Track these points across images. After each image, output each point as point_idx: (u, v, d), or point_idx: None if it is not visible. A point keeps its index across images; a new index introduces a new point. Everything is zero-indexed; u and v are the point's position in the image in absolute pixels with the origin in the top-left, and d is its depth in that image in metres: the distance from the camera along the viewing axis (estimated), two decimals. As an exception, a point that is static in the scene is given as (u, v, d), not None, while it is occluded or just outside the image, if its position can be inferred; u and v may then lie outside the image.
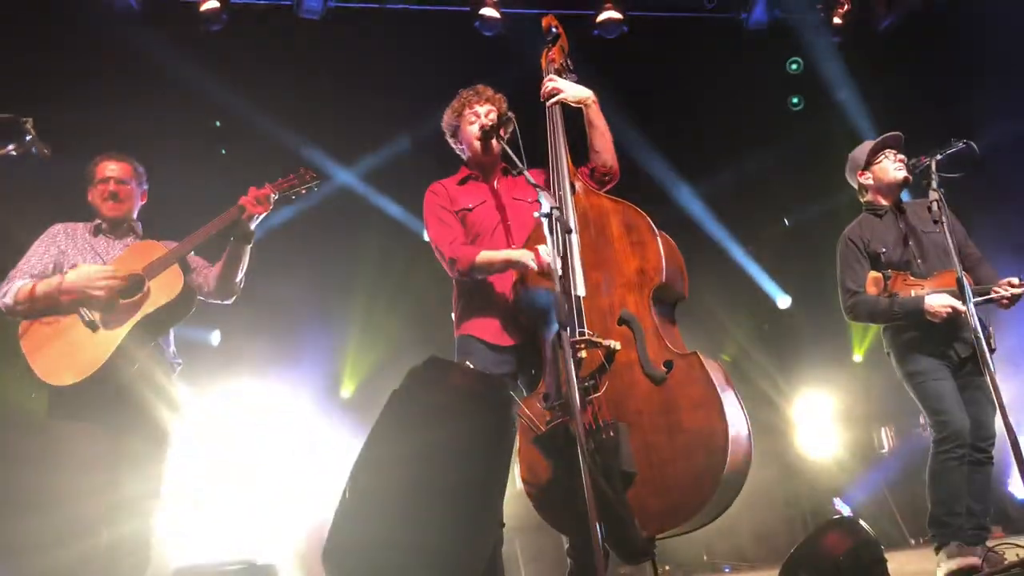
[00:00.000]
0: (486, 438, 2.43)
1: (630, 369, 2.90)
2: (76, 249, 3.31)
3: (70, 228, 3.39)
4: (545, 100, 3.37)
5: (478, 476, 2.40)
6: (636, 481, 2.77)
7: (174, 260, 3.27)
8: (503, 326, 3.22)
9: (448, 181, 3.48)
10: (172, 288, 3.24)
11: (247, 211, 3.32)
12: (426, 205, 3.42)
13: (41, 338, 3.08)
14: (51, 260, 3.25)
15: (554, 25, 3.55)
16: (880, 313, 3.81)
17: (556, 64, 3.48)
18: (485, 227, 3.33)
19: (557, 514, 2.93)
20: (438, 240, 3.31)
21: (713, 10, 7.05)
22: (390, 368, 6.51)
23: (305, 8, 6.16)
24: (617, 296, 3.03)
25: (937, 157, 3.64)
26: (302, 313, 6.57)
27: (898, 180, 3.94)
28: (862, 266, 3.90)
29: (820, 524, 3.20)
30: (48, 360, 3.04)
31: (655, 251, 3.03)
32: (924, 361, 3.76)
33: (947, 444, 3.64)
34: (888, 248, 3.84)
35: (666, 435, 2.78)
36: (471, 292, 3.31)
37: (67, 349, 3.06)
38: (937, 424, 3.70)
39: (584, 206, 3.21)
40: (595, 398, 2.89)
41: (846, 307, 3.95)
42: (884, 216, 3.99)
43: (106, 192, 3.40)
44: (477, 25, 6.44)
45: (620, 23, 6.68)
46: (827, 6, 7.15)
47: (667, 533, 2.79)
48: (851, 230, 4.02)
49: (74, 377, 3.02)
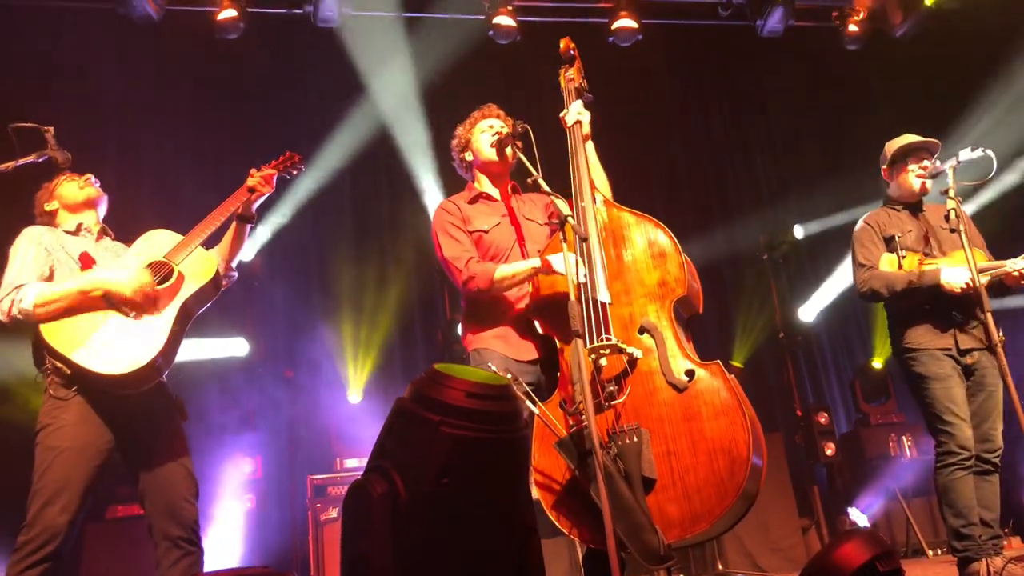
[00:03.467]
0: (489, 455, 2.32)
1: (652, 377, 2.92)
2: (65, 253, 3.19)
3: (49, 230, 3.26)
4: (566, 119, 3.42)
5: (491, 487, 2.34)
6: (656, 487, 2.79)
7: (197, 243, 3.24)
8: (521, 338, 3.24)
9: (457, 199, 3.48)
10: (206, 271, 3.23)
11: (257, 192, 3.40)
12: (437, 222, 3.41)
13: (76, 333, 2.96)
14: (47, 263, 3.13)
15: (572, 48, 3.63)
16: (896, 281, 3.76)
17: (575, 83, 3.54)
18: (501, 249, 3.34)
19: (574, 520, 2.93)
20: (452, 258, 3.30)
21: (727, 17, 7.05)
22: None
23: (321, 17, 6.20)
24: (638, 306, 3.05)
25: (955, 164, 3.64)
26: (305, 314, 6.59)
27: (914, 191, 3.96)
28: (877, 247, 3.92)
29: (837, 534, 3.19)
30: (91, 353, 2.92)
31: (677, 264, 3.07)
32: (935, 365, 3.72)
33: (954, 456, 3.62)
34: (903, 233, 3.87)
35: (687, 442, 2.81)
36: (484, 305, 3.31)
37: (113, 340, 2.97)
38: (943, 434, 3.66)
39: (605, 218, 3.24)
40: (617, 404, 2.91)
41: (860, 280, 3.90)
42: (901, 211, 4.02)
43: (87, 180, 3.39)
44: (491, 34, 6.47)
45: (635, 31, 6.70)
46: (842, 14, 7.15)
47: (686, 540, 2.79)
48: (869, 215, 4.07)
49: (125, 368, 2.93)
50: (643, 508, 2.72)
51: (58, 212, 3.36)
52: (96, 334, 2.97)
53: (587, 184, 3.24)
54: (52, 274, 3.13)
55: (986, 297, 3.40)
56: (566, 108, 3.44)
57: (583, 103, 3.45)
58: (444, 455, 2.17)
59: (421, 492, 2.15)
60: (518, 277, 3.19)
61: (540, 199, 3.53)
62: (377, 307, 6.69)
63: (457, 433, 2.16)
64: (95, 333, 2.97)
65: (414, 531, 2.15)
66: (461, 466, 2.18)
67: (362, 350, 6.59)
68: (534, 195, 3.54)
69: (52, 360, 2.98)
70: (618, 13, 6.68)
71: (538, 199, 3.54)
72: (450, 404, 2.18)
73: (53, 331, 2.97)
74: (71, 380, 2.96)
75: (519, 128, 3.31)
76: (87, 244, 3.28)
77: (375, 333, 6.65)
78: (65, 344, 2.94)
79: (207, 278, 3.23)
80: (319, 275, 6.70)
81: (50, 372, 3.01)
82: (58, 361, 2.95)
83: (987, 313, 3.39)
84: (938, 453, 3.70)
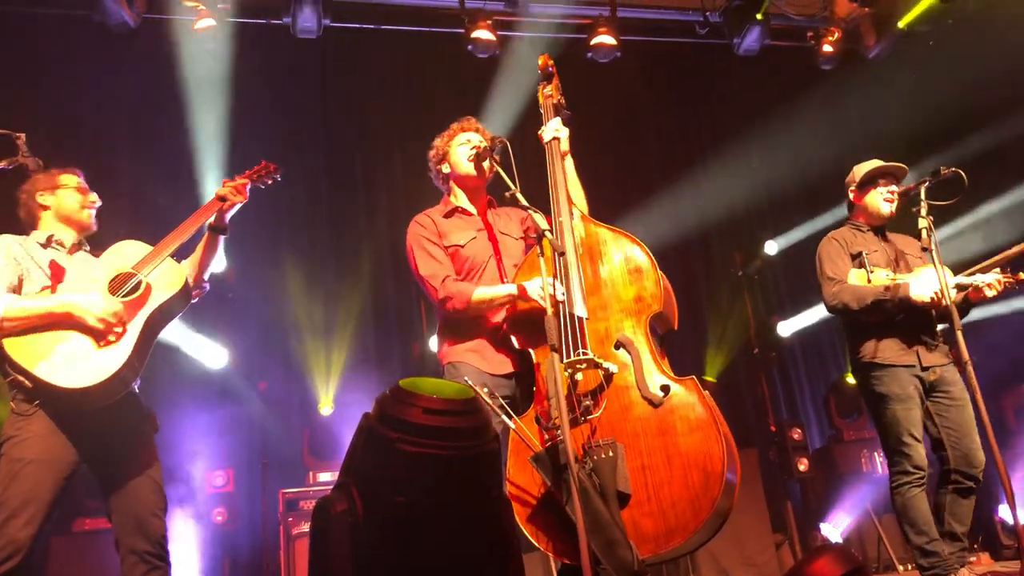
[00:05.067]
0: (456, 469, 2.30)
1: (627, 392, 2.93)
2: (34, 263, 3.11)
3: (20, 239, 3.16)
4: (543, 135, 3.46)
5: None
6: (631, 502, 2.79)
7: (166, 254, 3.18)
8: (496, 352, 3.24)
9: (433, 212, 3.46)
10: (175, 282, 3.17)
11: (229, 201, 3.35)
12: (411, 237, 3.39)
13: (38, 347, 2.90)
14: (15, 274, 3.04)
15: (550, 65, 3.67)
16: (867, 294, 3.75)
17: (553, 100, 3.57)
18: (476, 263, 3.33)
19: (549, 535, 2.91)
20: (428, 277, 3.29)
21: (705, 35, 7.12)
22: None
23: (300, 28, 6.18)
24: (614, 321, 3.07)
25: (926, 184, 3.69)
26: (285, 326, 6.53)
27: (882, 213, 4.01)
28: (844, 262, 3.93)
29: (810, 550, 3.21)
30: (53, 367, 2.87)
31: (653, 280, 3.10)
32: (894, 382, 3.73)
33: (909, 476, 3.65)
34: (870, 251, 3.89)
35: (662, 457, 2.82)
36: (460, 319, 3.29)
37: (75, 353, 2.92)
38: (900, 454, 3.69)
39: (583, 234, 3.26)
40: (592, 419, 2.91)
41: (830, 294, 3.87)
42: (867, 232, 4.06)
43: (91, 203, 3.31)
44: (470, 48, 6.47)
45: (614, 48, 6.74)
46: (817, 34, 7.25)
47: (660, 555, 2.79)
48: (834, 232, 4.09)
49: (87, 380, 2.87)
50: (618, 523, 2.72)
51: (46, 211, 3.25)
52: (59, 347, 2.91)
53: (565, 199, 3.25)
54: (20, 284, 3.05)
55: (956, 315, 3.43)
56: (544, 125, 3.47)
57: (561, 120, 3.48)
58: (401, 472, 2.18)
59: (379, 510, 2.16)
60: (495, 302, 3.20)
61: (516, 213, 3.53)
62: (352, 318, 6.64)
63: (414, 451, 2.16)
64: (58, 346, 2.91)
65: (372, 549, 2.14)
66: (419, 483, 2.18)
67: (336, 362, 6.54)
68: (510, 209, 3.55)
69: (13, 373, 2.90)
70: (597, 29, 6.72)
71: (514, 213, 3.54)
72: (408, 421, 2.19)
73: (15, 344, 2.90)
74: (33, 394, 2.89)
75: (497, 143, 3.31)
76: (58, 255, 3.20)
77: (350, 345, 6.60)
78: (27, 358, 2.88)
79: (175, 289, 3.16)
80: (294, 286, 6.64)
81: (13, 387, 2.93)
82: (19, 375, 2.88)
83: (958, 331, 3.42)
84: (893, 472, 3.73)
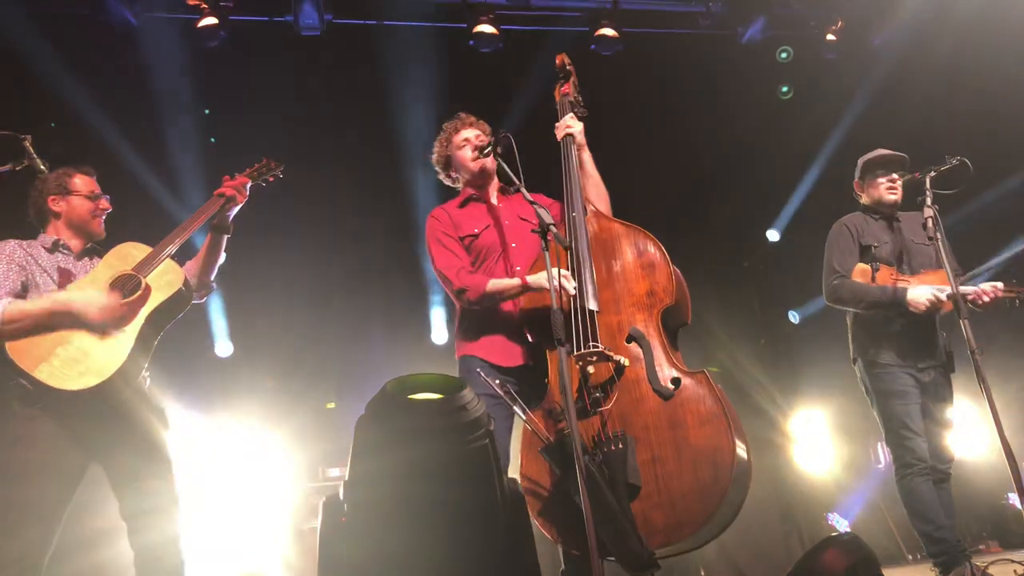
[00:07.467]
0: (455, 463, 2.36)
1: (638, 385, 2.94)
2: (40, 269, 3.11)
3: (24, 244, 3.16)
4: (559, 133, 3.47)
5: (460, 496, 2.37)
6: (641, 494, 2.80)
7: (166, 255, 3.17)
8: (507, 346, 3.25)
9: (449, 206, 3.48)
10: (173, 282, 3.16)
11: (229, 200, 3.34)
12: (429, 232, 3.41)
13: (39, 349, 2.89)
14: (18, 279, 3.03)
15: (567, 63, 3.69)
16: (864, 295, 3.82)
17: (570, 97, 3.58)
18: (492, 251, 3.35)
19: (559, 526, 2.93)
20: (444, 269, 3.30)
21: (708, 27, 7.09)
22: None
23: (303, 24, 6.17)
24: (626, 315, 3.08)
25: (931, 174, 3.68)
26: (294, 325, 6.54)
27: (887, 203, 4.02)
28: (852, 254, 3.95)
29: (819, 541, 3.21)
30: (53, 369, 2.86)
31: (666, 273, 3.10)
32: (894, 381, 3.81)
33: (911, 467, 3.71)
34: (880, 244, 3.92)
35: (673, 450, 2.82)
36: (475, 314, 3.31)
37: (74, 356, 2.91)
38: (901, 447, 3.76)
39: (595, 228, 3.27)
40: (604, 410, 2.91)
41: (829, 287, 3.94)
42: (879, 220, 4.07)
43: (102, 210, 3.31)
44: (472, 43, 6.44)
45: (616, 40, 6.71)
46: (820, 23, 7.21)
47: (670, 548, 2.80)
48: (848, 218, 4.10)
49: (87, 382, 2.87)
50: (627, 515, 2.72)
51: (56, 216, 3.24)
52: (60, 349, 2.91)
53: (578, 195, 3.26)
54: (25, 290, 3.04)
55: (963, 305, 3.43)
56: (559, 121, 3.49)
57: (576, 117, 3.49)
58: (393, 471, 2.23)
59: (374, 505, 2.24)
60: (507, 293, 3.21)
61: (537, 197, 3.54)
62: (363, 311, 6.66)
63: (402, 452, 2.23)
64: (58, 348, 2.91)
65: (370, 543, 2.24)
66: (411, 479, 2.24)
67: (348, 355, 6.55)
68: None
69: (16, 377, 2.88)
70: (599, 22, 6.70)
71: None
72: (394, 424, 2.23)
73: (17, 348, 2.89)
74: (34, 397, 2.88)
75: (500, 137, 3.27)
76: (64, 260, 3.20)
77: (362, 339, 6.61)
78: (28, 360, 2.87)
79: (173, 289, 3.14)
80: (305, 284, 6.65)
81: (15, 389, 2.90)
82: (21, 378, 2.87)
83: (963, 321, 3.40)
84: (897, 465, 3.79)
